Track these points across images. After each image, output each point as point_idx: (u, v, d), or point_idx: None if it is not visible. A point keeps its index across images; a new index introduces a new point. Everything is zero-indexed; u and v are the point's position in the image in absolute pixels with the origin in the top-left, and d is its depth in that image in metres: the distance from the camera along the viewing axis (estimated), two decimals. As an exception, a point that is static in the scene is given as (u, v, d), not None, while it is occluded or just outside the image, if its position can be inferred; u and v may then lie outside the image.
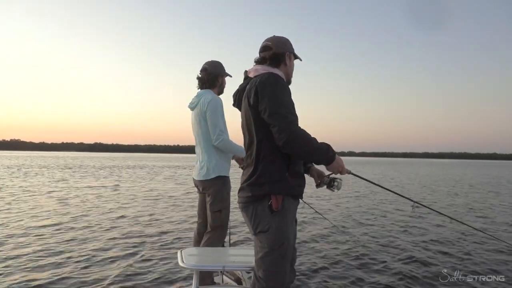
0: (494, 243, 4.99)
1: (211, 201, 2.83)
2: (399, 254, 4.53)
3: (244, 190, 1.86)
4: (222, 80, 2.95)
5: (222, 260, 2.28)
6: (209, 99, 2.79)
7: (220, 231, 2.85)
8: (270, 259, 1.77)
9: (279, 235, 1.77)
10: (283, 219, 1.79)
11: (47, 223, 6.00)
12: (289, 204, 1.82)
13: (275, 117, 1.70)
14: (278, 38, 1.98)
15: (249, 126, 1.87)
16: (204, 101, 2.80)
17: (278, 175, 1.79)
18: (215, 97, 2.84)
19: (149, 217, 6.84)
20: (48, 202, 8.55)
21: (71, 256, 4.15)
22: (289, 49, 1.98)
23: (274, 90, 1.75)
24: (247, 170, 1.88)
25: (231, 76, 3.02)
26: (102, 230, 5.62)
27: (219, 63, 2.95)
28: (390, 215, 7.32)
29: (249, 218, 1.85)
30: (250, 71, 1.97)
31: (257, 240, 1.83)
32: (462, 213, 7.97)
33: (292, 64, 2.01)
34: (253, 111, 1.81)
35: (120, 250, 4.48)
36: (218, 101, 2.82)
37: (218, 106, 2.79)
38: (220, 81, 2.94)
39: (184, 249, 2.43)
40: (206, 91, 2.89)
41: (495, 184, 17.62)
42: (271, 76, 1.81)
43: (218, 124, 2.77)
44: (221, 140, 2.75)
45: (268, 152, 1.79)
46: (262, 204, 1.79)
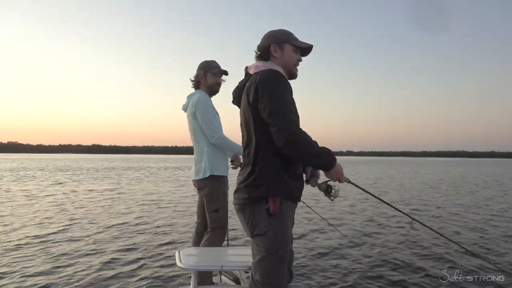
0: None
1: (206, 201, 2.83)
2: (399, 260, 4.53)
3: (240, 191, 1.79)
4: (205, 79, 2.89)
5: (220, 260, 2.28)
6: (196, 100, 2.80)
7: (219, 231, 2.84)
8: (267, 263, 1.73)
9: (277, 240, 1.73)
10: (281, 223, 1.74)
11: (46, 226, 5.98)
12: (287, 207, 1.77)
13: (275, 117, 1.63)
14: (268, 32, 1.91)
15: (247, 125, 1.80)
16: (193, 102, 2.83)
17: (277, 177, 1.73)
18: (202, 96, 2.83)
19: (147, 217, 6.82)
20: (46, 204, 8.52)
21: (66, 257, 4.13)
22: (275, 40, 1.86)
23: (274, 88, 1.68)
24: (244, 170, 1.82)
25: (226, 73, 2.95)
26: (100, 230, 5.60)
27: (204, 62, 2.93)
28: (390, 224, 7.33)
29: (245, 220, 1.79)
30: (251, 67, 1.90)
31: (254, 243, 1.79)
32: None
33: (286, 55, 1.86)
34: (252, 109, 1.74)
35: (118, 250, 4.47)
36: (205, 100, 2.81)
37: (205, 105, 2.78)
38: (203, 80, 2.90)
39: (182, 249, 2.43)
40: (195, 92, 2.93)
41: (496, 182, 17.64)
42: (272, 73, 1.74)
43: (211, 122, 2.76)
44: (217, 137, 2.75)
45: (267, 152, 1.73)
46: (259, 207, 1.73)
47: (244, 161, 1.86)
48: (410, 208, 8.43)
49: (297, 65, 1.91)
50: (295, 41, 1.89)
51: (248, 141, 1.82)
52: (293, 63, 1.89)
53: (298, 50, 1.90)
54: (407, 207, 8.62)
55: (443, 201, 9.78)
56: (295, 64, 1.90)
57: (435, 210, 8.11)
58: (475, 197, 10.71)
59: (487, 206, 8.77)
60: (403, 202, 9.64)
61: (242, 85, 1.94)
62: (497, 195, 11.53)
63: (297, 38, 1.92)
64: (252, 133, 1.78)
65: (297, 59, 1.90)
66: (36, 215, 6.92)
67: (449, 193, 11.81)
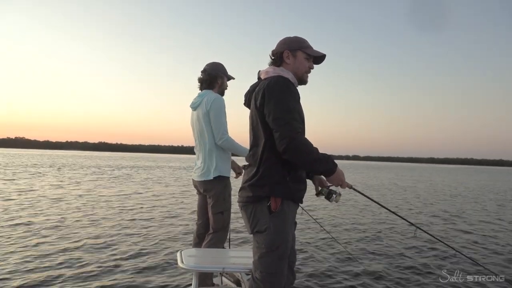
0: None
1: (212, 202, 2.81)
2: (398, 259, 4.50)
3: (245, 189, 1.87)
4: (222, 81, 2.93)
5: (222, 261, 2.28)
6: (213, 99, 2.80)
7: (222, 233, 2.84)
8: (267, 261, 1.78)
9: (277, 237, 1.77)
10: (281, 221, 1.79)
11: (50, 223, 6.03)
12: (289, 207, 1.83)
13: (278, 123, 1.71)
14: (284, 38, 1.97)
15: (254, 127, 1.88)
16: (208, 101, 2.80)
17: (279, 178, 1.79)
18: (219, 96, 2.84)
19: (149, 217, 6.85)
20: (51, 202, 8.60)
21: (67, 257, 4.15)
22: (289, 47, 1.93)
23: (280, 95, 1.75)
24: (250, 170, 1.89)
25: (233, 78, 3.03)
26: (102, 230, 5.64)
27: (219, 64, 2.95)
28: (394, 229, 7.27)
29: (247, 217, 1.86)
30: (262, 72, 1.97)
31: (254, 240, 1.85)
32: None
33: (297, 62, 1.92)
34: (259, 113, 1.81)
35: (120, 250, 4.49)
36: (221, 101, 2.83)
37: (221, 106, 2.80)
38: (220, 82, 2.93)
39: (184, 250, 2.43)
40: (209, 91, 2.90)
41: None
42: (280, 80, 1.81)
43: (222, 123, 2.78)
44: (225, 139, 2.76)
45: (271, 154, 1.79)
46: (261, 205, 1.80)
47: (250, 161, 1.92)
48: (423, 216, 8.35)
49: (308, 72, 1.98)
50: (308, 49, 1.95)
51: (254, 143, 1.89)
52: (304, 70, 1.95)
53: (310, 58, 1.96)
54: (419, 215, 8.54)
55: (458, 210, 9.68)
56: (306, 72, 1.96)
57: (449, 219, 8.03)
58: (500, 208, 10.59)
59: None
60: (415, 210, 9.56)
61: (252, 89, 2.02)
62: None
63: (311, 46, 1.98)
64: (258, 136, 1.86)
65: (308, 67, 1.96)
66: (37, 215, 6.96)
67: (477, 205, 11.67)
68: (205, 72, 2.92)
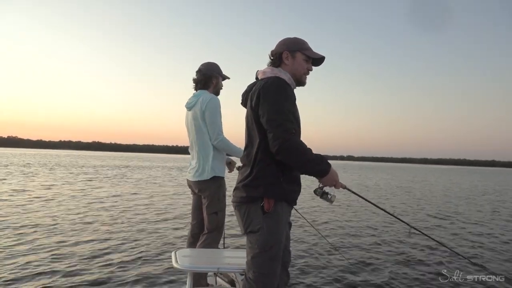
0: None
1: (207, 203, 2.81)
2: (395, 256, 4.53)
3: (239, 190, 1.87)
4: (216, 81, 2.93)
5: (216, 261, 2.28)
6: (208, 99, 2.79)
7: (216, 233, 2.84)
8: (260, 261, 1.78)
9: (270, 237, 1.78)
10: (275, 222, 1.80)
11: (41, 224, 5.98)
12: (282, 208, 1.83)
13: (272, 124, 1.71)
14: (283, 39, 1.97)
15: (249, 127, 1.88)
16: (203, 101, 2.80)
17: (273, 179, 1.79)
18: (214, 97, 2.84)
19: (143, 218, 6.83)
20: (43, 202, 8.53)
21: (63, 257, 4.13)
22: (288, 48, 1.92)
23: (275, 96, 1.75)
24: (244, 170, 1.90)
25: (228, 78, 3.02)
26: (97, 230, 5.61)
27: (214, 64, 2.95)
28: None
29: (241, 217, 1.86)
30: (260, 72, 1.96)
31: (247, 240, 1.85)
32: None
33: (296, 63, 1.92)
34: (254, 113, 1.82)
35: (114, 250, 4.48)
36: (216, 101, 2.83)
37: (217, 106, 2.81)
38: (215, 82, 2.92)
39: (178, 250, 2.43)
40: (204, 92, 2.89)
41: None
42: (276, 81, 1.80)
43: (217, 124, 2.79)
44: (220, 139, 2.77)
45: (265, 155, 1.79)
46: (255, 205, 1.80)
47: (244, 161, 1.93)
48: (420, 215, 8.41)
49: (306, 73, 1.98)
50: (307, 51, 1.95)
51: (249, 143, 1.89)
52: (303, 72, 1.95)
53: (309, 59, 1.96)
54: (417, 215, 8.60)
55: (452, 211, 9.77)
56: (304, 73, 1.96)
57: (445, 219, 8.10)
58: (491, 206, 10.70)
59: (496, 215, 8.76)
60: (410, 210, 9.62)
61: (250, 88, 2.01)
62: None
63: (311, 48, 1.97)
64: (252, 136, 1.86)
65: (307, 68, 1.96)
66: (27, 216, 6.91)
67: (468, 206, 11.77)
68: (200, 72, 2.91)
